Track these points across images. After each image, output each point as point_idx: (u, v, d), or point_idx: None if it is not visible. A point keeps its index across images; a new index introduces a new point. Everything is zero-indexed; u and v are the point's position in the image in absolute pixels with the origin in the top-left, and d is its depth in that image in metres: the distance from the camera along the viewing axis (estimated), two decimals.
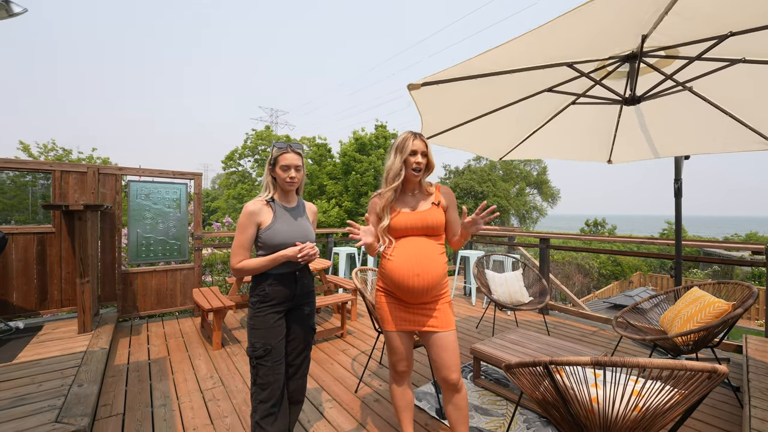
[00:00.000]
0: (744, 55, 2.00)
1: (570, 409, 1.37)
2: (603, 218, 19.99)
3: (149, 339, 3.50)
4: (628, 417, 1.31)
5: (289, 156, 1.71)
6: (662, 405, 1.27)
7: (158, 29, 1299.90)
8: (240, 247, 1.67)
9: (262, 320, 1.65)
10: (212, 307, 3.22)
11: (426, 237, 1.70)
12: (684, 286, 2.97)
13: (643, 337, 2.53)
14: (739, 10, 1.65)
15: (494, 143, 3.24)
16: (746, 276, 12.86)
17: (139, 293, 3.93)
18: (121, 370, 2.85)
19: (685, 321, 2.53)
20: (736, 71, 2.14)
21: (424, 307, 1.70)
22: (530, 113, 2.85)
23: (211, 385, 2.62)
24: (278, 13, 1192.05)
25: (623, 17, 1.75)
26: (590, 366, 1.23)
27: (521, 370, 1.51)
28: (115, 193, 3.78)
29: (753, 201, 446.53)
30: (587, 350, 2.53)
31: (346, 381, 2.71)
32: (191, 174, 4.21)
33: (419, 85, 1.81)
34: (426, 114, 2.27)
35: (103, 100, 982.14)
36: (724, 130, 2.64)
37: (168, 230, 4.09)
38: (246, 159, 19.42)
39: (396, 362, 1.78)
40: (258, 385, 1.62)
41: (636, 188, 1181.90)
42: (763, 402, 1.86)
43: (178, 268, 4.17)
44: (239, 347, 3.35)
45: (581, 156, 3.49)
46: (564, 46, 1.96)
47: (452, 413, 1.70)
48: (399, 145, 1.70)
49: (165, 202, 4.06)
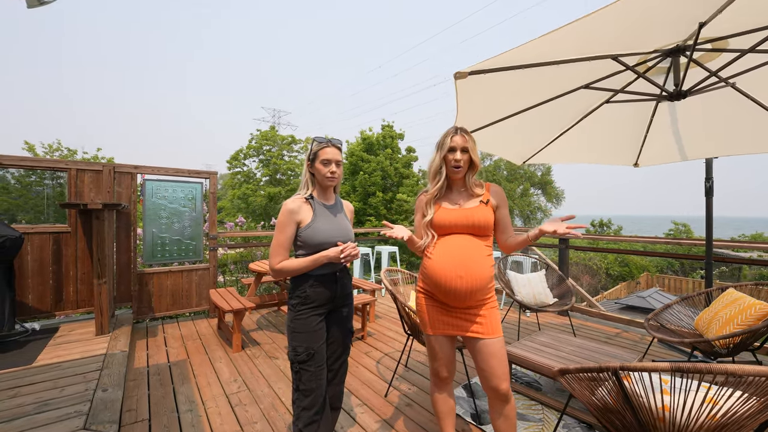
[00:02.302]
0: None
1: (639, 417, 1.29)
2: (609, 219, 19.90)
3: (166, 341, 3.44)
4: (702, 426, 1.23)
5: (329, 150, 1.64)
6: (740, 414, 1.20)
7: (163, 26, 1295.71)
8: (280, 246, 1.60)
9: (304, 323, 1.58)
10: (232, 309, 3.15)
11: (472, 236, 1.62)
12: (718, 287, 2.89)
13: (681, 340, 2.45)
14: None
15: (520, 146, 3.15)
16: (754, 277, 12.78)
17: (154, 294, 3.86)
18: (141, 373, 2.78)
19: (724, 323, 2.45)
20: None
21: (469, 312, 1.62)
22: (561, 113, 2.77)
23: (236, 389, 2.55)
24: (279, 13, 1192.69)
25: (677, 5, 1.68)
26: (661, 372, 1.16)
27: (577, 375, 1.44)
28: (131, 192, 3.71)
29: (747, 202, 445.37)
30: (619, 352, 2.46)
31: (374, 385, 2.64)
32: (206, 173, 4.14)
33: (466, 74, 1.75)
34: (462, 109, 2.20)
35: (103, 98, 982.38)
36: (761, 128, 2.56)
37: (183, 230, 4.03)
38: (251, 159, 19.38)
39: (438, 368, 1.71)
40: (301, 391, 1.55)
41: (639, 189, 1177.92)
42: None
43: (194, 268, 4.11)
44: (259, 349, 3.28)
45: (606, 159, 3.41)
46: (609, 38, 1.89)
47: (501, 424, 1.62)
48: (439, 141, 1.66)
49: (180, 201, 4.00)
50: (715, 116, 2.65)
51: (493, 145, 2.99)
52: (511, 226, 1.70)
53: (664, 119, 2.84)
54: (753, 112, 2.42)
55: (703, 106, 2.60)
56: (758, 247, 4.25)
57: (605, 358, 2.38)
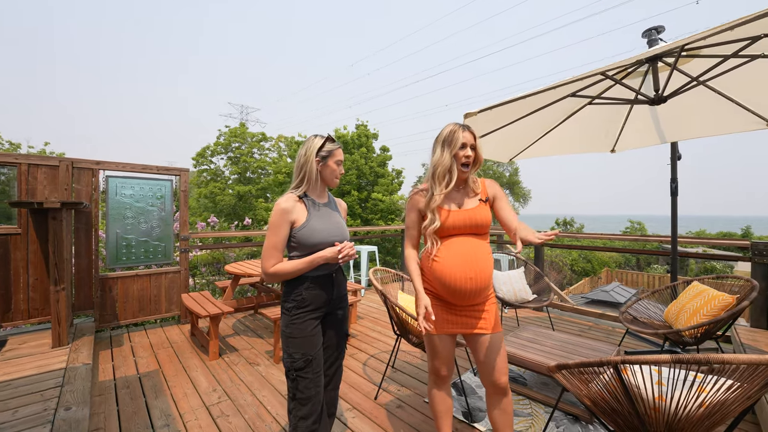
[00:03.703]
0: (764, 51, 2.09)
1: (636, 408, 1.33)
2: (572, 217, 20.99)
3: (134, 350, 3.18)
4: (692, 413, 1.29)
5: (341, 151, 1.64)
6: (728, 400, 1.27)
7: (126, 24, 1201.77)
8: (273, 248, 1.51)
9: (300, 328, 1.50)
10: (209, 314, 2.97)
11: (474, 236, 1.61)
12: (683, 281, 3.10)
13: (655, 331, 2.60)
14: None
15: (507, 145, 3.24)
16: (699, 270, 13.96)
17: (119, 300, 3.56)
18: (107, 387, 2.55)
19: (691, 314, 2.62)
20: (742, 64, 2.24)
21: (473, 309, 1.61)
22: (547, 116, 2.87)
23: (216, 399, 2.39)
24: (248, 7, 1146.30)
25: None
26: (661, 364, 1.21)
27: (577, 369, 1.47)
28: (92, 190, 3.40)
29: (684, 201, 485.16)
30: (598, 345, 2.56)
31: (362, 388, 2.58)
32: (177, 170, 3.88)
33: (476, 113, 1.76)
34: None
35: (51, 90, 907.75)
36: (726, 114, 2.77)
37: (151, 230, 3.75)
38: (219, 156, 18.55)
39: (439, 367, 1.69)
40: (297, 399, 1.47)
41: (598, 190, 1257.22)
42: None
43: (163, 271, 3.84)
44: (238, 356, 3.11)
45: (584, 148, 3.58)
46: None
47: (498, 417, 1.64)
48: (446, 137, 1.59)
49: (148, 199, 3.72)
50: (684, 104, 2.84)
51: (483, 147, 3.06)
52: (514, 213, 1.70)
53: (644, 109, 3.01)
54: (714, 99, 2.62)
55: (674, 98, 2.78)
56: (702, 243, 4.65)
57: (587, 351, 2.48)
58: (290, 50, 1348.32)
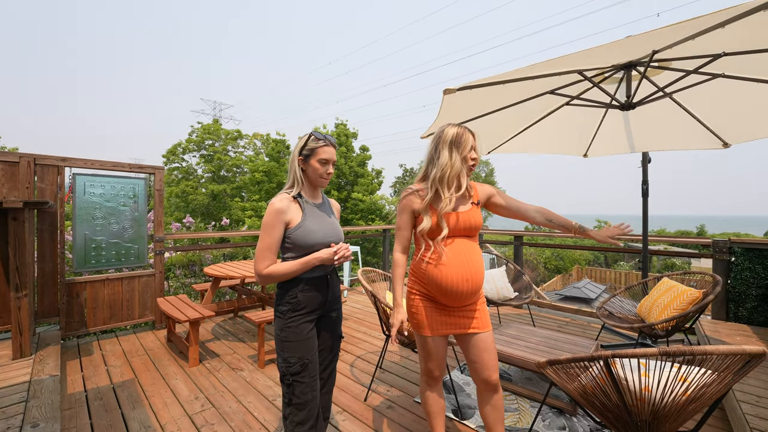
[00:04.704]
0: (723, 71, 2.25)
1: (624, 399, 1.40)
2: None
3: (105, 359, 2.99)
4: (675, 401, 1.37)
5: (328, 149, 1.54)
6: (706, 388, 1.35)
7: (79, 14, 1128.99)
8: (267, 250, 1.46)
9: (296, 331, 1.47)
10: (189, 318, 2.84)
11: (467, 238, 1.63)
12: (654, 277, 3.28)
13: (631, 325, 2.74)
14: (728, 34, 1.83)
15: (486, 139, 3.30)
16: (661, 267, 14.86)
17: (88, 306, 3.34)
18: (78, 399, 2.38)
19: (663, 309, 2.78)
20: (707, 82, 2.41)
21: (465, 309, 1.63)
22: (525, 112, 2.96)
23: (199, 407, 2.29)
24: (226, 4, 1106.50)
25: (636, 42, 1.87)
26: (649, 357, 1.27)
27: (568, 365, 1.52)
28: (57, 189, 3.17)
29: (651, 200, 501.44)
30: (579, 339, 2.67)
31: (351, 389, 2.56)
32: (151, 167, 3.69)
33: (455, 90, 1.77)
34: (443, 116, 2.24)
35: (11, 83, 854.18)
36: (688, 130, 2.98)
37: (123, 231, 3.54)
38: (191, 154, 17.83)
39: (432, 368, 1.70)
40: (294, 405, 1.43)
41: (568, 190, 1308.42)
42: None
43: (136, 275, 3.64)
44: (219, 361, 3.00)
45: (559, 149, 3.72)
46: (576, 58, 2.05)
47: (490, 414, 1.66)
48: (454, 140, 1.55)
49: (119, 199, 3.51)
50: (651, 115, 3.02)
51: None
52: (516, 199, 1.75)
53: (617, 117, 3.17)
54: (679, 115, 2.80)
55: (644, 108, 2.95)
56: (663, 240, 4.96)
57: (569, 346, 2.57)
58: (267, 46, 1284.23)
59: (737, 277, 3.33)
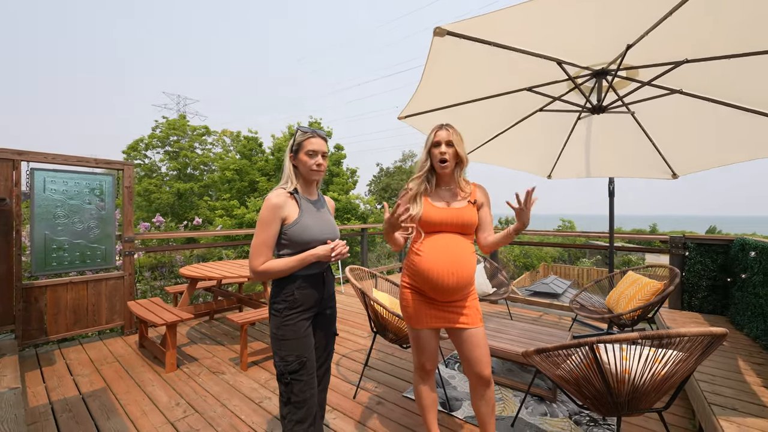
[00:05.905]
0: (682, 87, 2.43)
1: (607, 381, 1.50)
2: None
3: (71, 368, 2.79)
4: (651, 381, 1.49)
5: (315, 141, 1.54)
6: (678, 366, 1.48)
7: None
8: (263, 246, 1.44)
9: (293, 329, 1.45)
10: (166, 322, 2.71)
11: (459, 235, 1.68)
12: (620, 271, 3.52)
13: (602, 316, 2.93)
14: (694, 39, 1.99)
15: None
16: (619, 263, 15.88)
17: (48, 312, 3.09)
18: (43, 413, 2.21)
19: (629, 300, 3.00)
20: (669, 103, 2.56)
21: (455, 304, 1.68)
22: (498, 114, 2.97)
23: (181, 414, 2.20)
24: None
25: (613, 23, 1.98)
26: (631, 341, 1.38)
27: (555, 352, 1.61)
28: (13, 185, 2.91)
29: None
30: (554, 330, 2.82)
31: (339, 387, 2.55)
32: (120, 163, 3.48)
33: (445, 32, 1.80)
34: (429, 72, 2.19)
35: None
36: (642, 157, 3.17)
37: (88, 231, 3.31)
38: (154, 150, 16.87)
39: (424, 361, 1.74)
40: (293, 404, 1.41)
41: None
42: None
43: (103, 277, 3.41)
44: (198, 365, 2.88)
45: (527, 168, 3.84)
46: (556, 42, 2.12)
47: (482, 408, 1.72)
48: (426, 137, 1.73)
49: (84, 196, 3.28)
50: (614, 138, 3.21)
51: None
52: (492, 225, 1.79)
53: (581, 135, 3.33)
54: (639, 138, 2.99)
55: (608, 128, 3.12)
56: (619, 238, 5.33)
57: (547, 337, 2.71)
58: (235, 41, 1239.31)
59: (690, 270, 3.65)
